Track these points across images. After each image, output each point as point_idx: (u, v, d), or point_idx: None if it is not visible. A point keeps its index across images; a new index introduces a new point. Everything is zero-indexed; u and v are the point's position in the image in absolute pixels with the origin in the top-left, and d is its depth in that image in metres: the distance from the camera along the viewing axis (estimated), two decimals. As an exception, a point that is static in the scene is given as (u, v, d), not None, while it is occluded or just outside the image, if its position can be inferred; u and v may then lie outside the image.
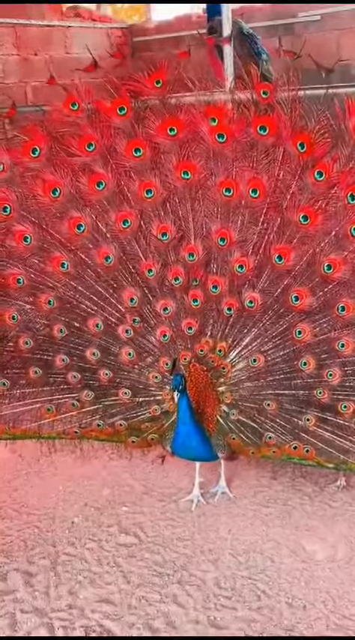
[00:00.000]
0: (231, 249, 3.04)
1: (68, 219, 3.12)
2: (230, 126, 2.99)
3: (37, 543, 3.21)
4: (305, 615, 2.69)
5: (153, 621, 2.71)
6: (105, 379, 3.27)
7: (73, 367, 3.27)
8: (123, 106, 3.07)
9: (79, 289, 3.19)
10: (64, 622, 2.72)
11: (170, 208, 3.09)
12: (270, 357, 3.10)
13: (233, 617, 2.71)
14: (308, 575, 2.90)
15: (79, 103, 3.10)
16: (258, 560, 3.02)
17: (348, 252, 2.89)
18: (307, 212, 2.90)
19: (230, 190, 2.99)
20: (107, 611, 2.76)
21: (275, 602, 2.77)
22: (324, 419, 3.08)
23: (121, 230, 3.10)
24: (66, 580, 2.96)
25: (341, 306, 2.92)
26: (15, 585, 2.94)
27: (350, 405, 3.02)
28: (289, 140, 2.90)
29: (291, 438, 3.14)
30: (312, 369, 3.01)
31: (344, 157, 2.88)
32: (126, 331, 3.20)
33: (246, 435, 3.21)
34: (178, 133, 3.03)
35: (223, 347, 3.17)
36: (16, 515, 3.44)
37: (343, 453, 3.09)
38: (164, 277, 3.13)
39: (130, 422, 3.32)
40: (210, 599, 2.81)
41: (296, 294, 2.96)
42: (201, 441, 3.14)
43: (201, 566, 3.01)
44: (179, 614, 2.74)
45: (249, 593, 2.83)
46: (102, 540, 3.21)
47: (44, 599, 2.85)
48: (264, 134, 2.94)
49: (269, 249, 2.97)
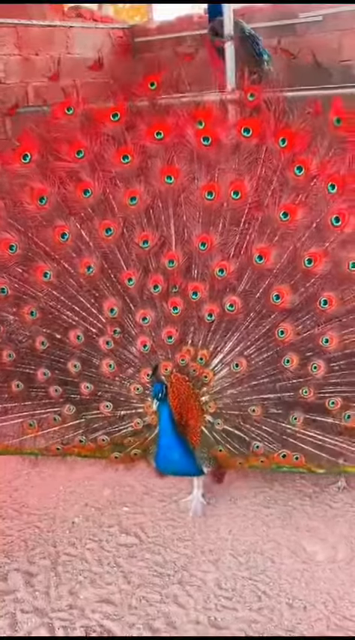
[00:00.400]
0: (212, 254, 2.99)
1: (53, 228, 3.08)
2: (215, 129, 2.98)
3: (38, 543, 3.22)
4: (306, 616, 2.69)
5: (153, 622, 2.71)
6: (87, 392, 3.19)
7: (54, 381, 3.20)
8: (116, 113, 3.06)
9: (61, 299, 3.14)
10: (64, 622, 2.72)
11: (152, 215, 3.06)
12: (253, 360, 3.03)
13: (233, 618, 2.71)
14: (309, 576, 2.90)
15: (74, 107, 3.10)
16: (258, 560, 3.02)
17: (329, 243, 2.88)
18: (287, 208, 2.89)
19: (212, 194, 2.97)
20: (107, 612, 2.76)
21: (275, 603, 2.77)
22: (312, 420, 3.02)
23: (104, 238, 3.06)
24: (66, 580, 2.96)
25: (324, 300, 2.89)
26: (15, 585, 2.94)
27: (338, 400, 2.97)
28: (271, 137, 2.92)
29: (279, 445, 3.06)
30: (296, 366, 2.95)
31: (324, 147, 2.90)
32: (107, 342, 3.14)
33: (232, 445, 3.11)
34: (165, 137, 3.02)
35: (204, 355, 3.08)
36: (17, 516, 3.44)
37: (333, 455, 3.03)
38: (144, 286, 3.07)
39: (113, 437, 3.24)
40: (210, 600, 2.81)
41: (277, 293, 2.92)
42: (184, 453, 3.03)
43: (201, 566, 3.01)
44: (179, 615, 2.74)
45: (250, 594, 2.83)
46: (102, 540, 3.21)
47: (45, 599, 2.85)
48: (247, 136, 2.95)
49: (250, 250, 2.95)
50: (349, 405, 2.97)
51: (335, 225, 2.86)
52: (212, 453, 3.12)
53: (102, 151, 3.06)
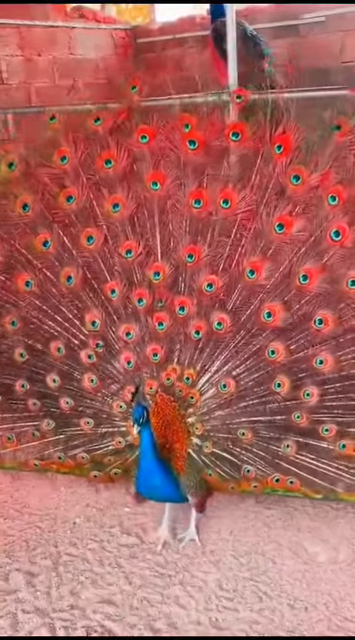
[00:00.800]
0: (200, 267, 2.87)
1: (35, 235, 3.02)
2: (202, 132, 2.87)
3: (39, 543, 3.22)
4: (307, 617, 2.69)
5: (154, 622, 2.71)
6: (67, 407, 3.10)
7: (33, 394, 3.14)
8: (98, 117, 3.01)
9: (42, 309, 3.07)
10: (65, 622, 2.72)
11: (137, 223, 2.96)
12: (242, 381, 2.90)
13: (234, 619, 2.71)
14: (310, 577, 2.90)
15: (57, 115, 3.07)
16: (259, 561, 3.02)
17: (327, 259, 2.75)
18: (283, 220, 2.76)
19: (199, 202, 2.84)
20: (109, 612, 2.76)
21: (276, 604, 2.77)
22: (305, 444, 2.89)
23: (86, 247, 2.98)
24: (68, 580, 2.96)
25: (319, 319, 2.76)
26: (17, 585, 2.94)
27: (332, 427, 2.84)
28: (266, 142, 2.81)
29: (272, 469, 2.94)
30: (287, 389, 2.83)
31: (325, 156, 2.78)
32: (89, 356, 3.04)
33: (222, 469, 2.98)
34: (150, 140, 2.93)
35: (191, 374, 2.95)
36: (18, 516, 3.44)
37: (329, 482, 2.92)
38: (128, 298, 2.97)
39: (92, 454, 3.14)
40: (211, 601, 2.81)
41: (268, 310, 2.79)
42: (166, 479, 2.87)
43: (202, 567, 3.01)
44: (181, 616, 2.74)
45: (251, 595, 2.83)
46: (104, 541, 3.21)
47: (46, 600, 2.85)
48: (236, 140, 2.85)
49: (241, 264, 2.82)
50: (344, 431, 2.85)
51: (334, 239, 2.73)
52: (201, 477, 2.99)
53: (86, 156, 3.00)
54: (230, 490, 3.07)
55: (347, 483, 2.91)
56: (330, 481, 2.92)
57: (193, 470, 2.96)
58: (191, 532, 3.17)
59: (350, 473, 2.89)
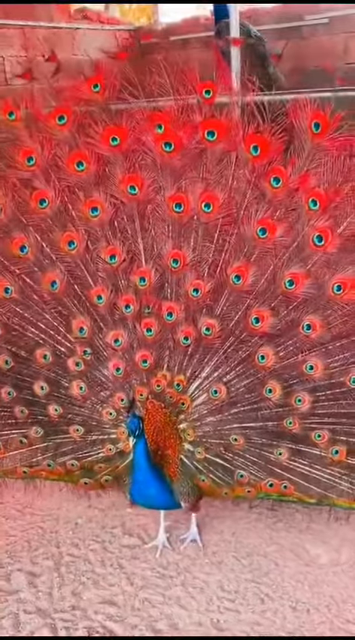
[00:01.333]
0: (185, 271, 2.79)
1: (10, 240, 2.91)
2: (177, 133, 2.73)
3: (41, 544, 3.22)
4: (309, 619, 2.68)
5: (156, 623, 2.71)
6: (55, 415, 3.02)
7: (19, 401, 3.05)
8: (62, 115, 2.84)
9: (24, 316, 2.97)
10: (67, 623, 2.72)
11: (118, 228, 2.86)
12: (233, 387, 2.84)
13: (236, 620, 2.70)
14: (312, 579, 2.89)
15: (15, 111, 2.88)
16: (261, 563, 3.02)
17: (311, 264, 2.67)
18: (265, 224, 2.67)
19: (180, 206, 2.75)
20: (110, 613, 2.76)
21: (278, 606, 2.76)
22: (298, 451, 2.85)
23: (67, 252, 2.87)
24: (69, 581, 2.96)
25: (307, 325, 2.70)
26: (19, 585, 2.94)
27: (325, 433, 2.79)
28: (241, 143, 2.69)
29: (265, 474, 2.90)
30: (278, 395, 2.78)
31: (303, 158, 2.67)
32: (77, 364, 2.96)
33: (215, 475, 2.94)
34: (121, 143, 2.79)
35: (181, 380, 2.89)
36: (20, 516, 3.44)
37: (323, 487, 2.88)
38: (114, 305, 2.89)
39: (82, 462, 3.08)
40: (213, 602, 2.81)
41: (256, 316, 2.73)
42: (160, 488, 2.85)
43: (204, 568, 3.01)
44: (182, 617, 2.73)
45: (253, 597, 2.82)
46: (105, 542, 3.21)
47: (47, 600, 2.85)
48: (212, 139, 2.71)
49: (226, 269, 2.74)
50: (336, 438, 2.81)
51: (317, 244, 2.64)
52: (194, 483, 2.96)
53: (55, 158, 2.86)
54: (224, 496, 3.03)
55: (340, 489, 2.87)
56: (324, 487, 2.88)
57: (186, 476, 2.94)
58: (192, 533, 3.16)
59: (344, 479, 2.86)
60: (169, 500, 2.92)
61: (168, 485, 2.90)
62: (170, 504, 2.96)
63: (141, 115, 2.80)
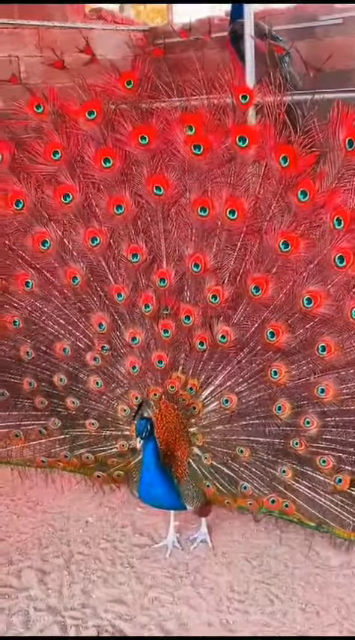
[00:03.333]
0: (206, 277, 2.77)
1: (32, 234, 2.92)
2: (207, 136, 2.69)
3: (52, 542, 3.23)
4: (319, 621, 2.68)
5: (165, 623, 2.71)
6: (73, 407, 3.08)
7: (40, 392, 3.11)
8: (92, 110, 2.81)
9: (44, 311, 3.00)
10: (76, 621, 2.73)
11: (141, 227, 2.85)
12: (244, 399, 2.82)
13: (245, 621, 2.70)
14: (322, 581, 2.89)
15: (44, 105, 2.87)
16: (271, 564, 3.01)
17: (331, 285, 2.59)
18: (288, 237, 2.60)
19: (205, 210, 2.72)
20: (120, 612, 2.77)
21: (288, 608, 2.76)
22: (302, 472, 2.82)
23: (90, 248, 2.88)
24: (79, 579, 2.97)
25: (322, 346, 2.63)
26: (29, 583, 2.96)
27: (330, 460, 2.73)
28: (272, 152, 2.61)
29: (269, 490, 2.87)
30: (288, 414, 2.74)
31: (332, 174, 2.57)
32: (95, 359, 2.99)
33: (220, 482, 2.94)
34: (150, 142, 2.76)
35: (194, 385, 2.89)
36: (31, 513, 3.46)
37: (323, 513, 2.83)
38: (134, 303, 2.89)
39: (97, 455, 3.14)
40: (222, 602, 2.81)
41: (272, 330, 2.68)
42: (167, 489, 2.86)
43: (214, 568, 3.01)
44: (191, 617, 2.74)
45: (263, 598, 2.82)
46: (116, 540, 3.22)
47: (57, 598, 2.87)
48: (243, 146, 2.65)
49: (246, 279, 2.70)
50: (341, 467, 2.75)
51: (338, 265, 2.55)
52: (200, 487, 2.97)
53: (81, 153, 2.85)
54: (226, 504, 3.03)
55: (340, 519, 2.82)
56: (324, 513, 2.83)
57: (192, 479, 2.95)
58: (202, 533, 3.17)
59: (345, 509, 2.80)
60: (175, 501, 2.93)
61: (175, 486, 2.91)
62: (176, 505, 2.97)
63: (171, 115, 2.77)
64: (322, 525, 2.87)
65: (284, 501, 2.88)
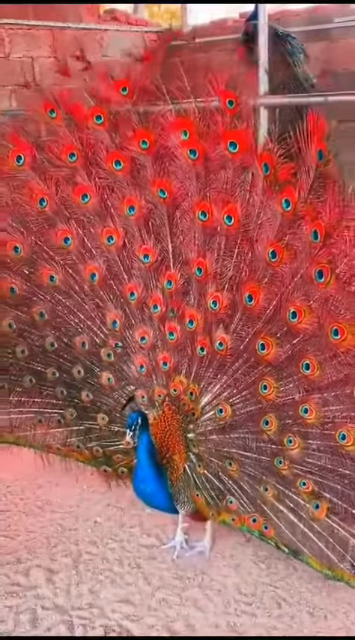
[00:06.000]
0: (207, 282, 2.78)
1: (55, 231, 3.03)
2: (201, 141, 2.70)
3: (60, 541, 3.24)
4: (326, 625, 2.66)
5: (172, 624, 2.71)
6: (87, 400, 3.17)
7: (61, 382, 3.21)
8: (99, 115, 2.91)
9: (67, 305, 3.10)
10: (84, 620, 2.74)
11: (152, 229, 2.90)
12: (238, 411, 2.81)
13: (252, 624, 2.70)
14: (330, 585, 2.87)
15: (56, 110, 2.98)
16: (279, 567, 3.00)
17: (313, 300, 2.54)
18: (276, 247, 2.58)
19: (205, 214, 2.73)
20: (127, 612, 2.77)
21: (296, 611, 2.75)
22: (285, 493, 2.77)
23: (106, 247, 2.97)
24: (87, 579, 2.98)
25: (306, 364, 2.59)
26: (37, 581, 2.97)
27: (309, 483, 2.69)
28: (255, 160, 2.60)
29: (253, 508, 2.84)
30: (274, 430, 2.71)
31: (307, 185, 2.53)
32: (108, 355, 3.07)
33: (209, 493, 2.92)
34: (150, 146, 2.82)
35: (195, 390, 2.90)
36: (40, 513, 3.48)
37: (299, 540, 2.76)
38: (144, 303, 2.95)
39: (105, 450, 3.20)
40: (230, 604, 2.80)
41: (262, 342, 2.66)
42: (158, 489, 2.87)
43: (221, 571, 3.01)
44: (199, 618, 2.73)
45: (270, 601, 2.81)
46: (124, 541, 3.23)
47: (65, 597, 2.87)
48: (234, 151, 2.63)
49: (242, 287, 2.69)
50: (319, 493, 2.69)
51: (318, 281, 2.51)
52: (191, 495, 2.96)
53: (95, 155, 2.94)
54: (210, 517, 3.00)
55: (319, 548, 2.74)
56: (302, 540, 2.77)
57: (185, 485, 2.95)
58: (203, 545, 3.15)
59: (321, 539, 2.72)
60: (165, 501, 2.94)
61: (168, 487, 2.92)
62: (165, 507, 2.99)
63: (166, 120, 2.80)
64: (296, 553, 2.81)
65: (264, 522, 2.84)
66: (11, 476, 3.77)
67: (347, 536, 2.67)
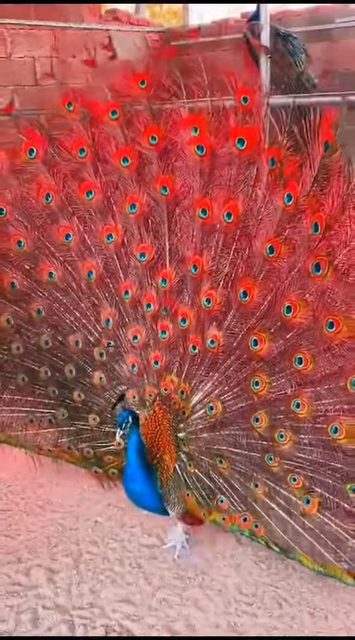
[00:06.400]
0: (202, 279, 2.79)
1: (58, 227, 3.04)
2: (211, 138, 2.73)
3: (61, 541, 3.24)
4: (327, 625, 2.66)
5: (173, 624, 2.71)
6: (79, 400, 3.16)
7: (53, 381, 3.19)
8: (115, 110, 2.94)
9: (63, 302, 3.10)
10: (84, 620, 2.74)
11: (151, 227, 2.91)
12: (228, 408, 2.80)
13: (253, 624, 2.70)
14: (331, 585, 2.87)
15: (74, 104, 3.00)
16: (280, 567, 3.00)
17: (309, 294, 2.55)
18: (274, 243, 2.60)
19: (206, 212, 2.75)
20: (127, 612, 2.78)
21: (296, 611, 2.75)
22: (275, 490, 2.76)
23: (105, 245, 2.98)
24: (88, 578, 2.98)
25: (299, 358, 2.59)
26: (38, 581, 2.97)
27: (300, 479, 2.68)
28: (261, 154, 2.64)
29: (243, 507, 2.83)
30: (265, 427, 2.70)
31: (310, 177, 2.56)
32: (100, 354, 3.07)
33: (200, 493, 2.91)
34: (159, 142, 2.84)
35: (186, 389, 2.90)
36: (41, 512, 3.48)
37: (290, 537, 2.75)
38: (138, 302, 2.95)
39: (96, 451, 3.19)
40: (230, 604, 2.80)
41: (255, 338, 2.65)
42: (147, 489, 2.86)
43: (222, 571, 3.01)
44: (199, 618, 2.73)
45: (271, 601, 2.81)
46: (124, 540, 3.23)
47: (66, 597, 2.87)
48: (241, 148, 2.67)
49: (237, 284, 2.69)
50: (310, 488, 2.68)
51: (315, 274, 2.52)
52: (181, 495, 2.94)
53: (104, 151, 2.96)
54: (201, 516, 2.98)
55: (311, 545, 2.73)
56: (293, 538, 2.76)
57: (175, 485, 2.93)
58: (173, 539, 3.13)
59: (311, 535, 2.71)
60: (155, 502, 2.92)
61: (157, 488, 2.90)
62: (155, 507, 2.97)
63: (177, 116, 2.82)
64: (287, 551, 2.80)
65: (255, 521, 2.83)
66: (7, 475, 3.76)
67: (338, 531, 2.65)
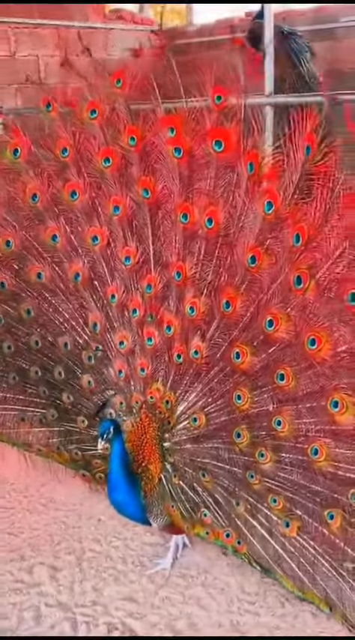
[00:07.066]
0: (186, 286, 2.70)
1: (44, 228, 2.99)
2: (187, 139, 2.62)
3: (64, 539, 3.25)
4: (329, 625, 2.66)
5: (175, 622, 2.71)
6: (68, 402, 3.11)
7: (43, 382, 3.16)
8: (94, 109, 2.86)
9: (52, 303, 3.05)
10: (87, 618, 2.74)
11: (136, 230, 2.85)
12: (212, 420, 2.72)
13: (256, 623, 2.70)
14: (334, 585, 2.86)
15: (53, 103, 2.96)
16: (283, 566, 3.00)
17: (291, 308, 2.43)
18: (255, 252, 2.48)
19: (187, 217, 2.65)
20: (130, 610, 2.78)
21: (299, 611, 2.75)
22: (257, 508, 2.67)
23: (91, 247, 2.93)
24: (90, 576, 2.99)
25: (281, 374, 2.48)
26: (40, 579, 2.98)
27: (280, 500, 2.58)
28: (240, 159, 2.51)
29: (227, 522, 2.75)
30: (246, 443, 2.61)
31: (293, 184, 2.43)
32: (89, 357, 3.02)
33: (184, 506, 2.84)
34: (137, 143, 2.76)
35: (171, 398, 2.83)
36: (44, 510, 3.49)
37: (270, 557, 2.66)
38: (125, 306, 2.89)
39: (84, 454, 3.13)
40: (233, 603, 2.81)
41: (237, 351, 2.56)
42: (129, 498, 2.80)
43: (225, 569, 3.01)
44: (202, 617, 2.74)
45: (273, 600, 2.81)
46: (127, 539, 3.23)
47: (68, 594, 2.88)
48: (219, 150, 2.54)
49: (220, 293, 2.60)
50: (292, 510, 2.58)
51: (296, 287, 2.40)
52: (165, 507, 2.88)
53: (87, 151, 2.90)
54: (185, 529, 2.93)
55: (286, 567, 2.62)
56: (272, 557, 2.67)
57: (159, 496, 2.87)
58: (166, 561, 3.07)
59: (292, 557, 2.62)
60: (137, 512, 2.86)
61: (140, 497, 2.84)
62: (137, 517, 2.91)
63: (154, 117, 2.76)
64: (268, 571, 2.72)
65: (237, 538, 2.75)
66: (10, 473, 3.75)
67: (316, 556, 2.56)
